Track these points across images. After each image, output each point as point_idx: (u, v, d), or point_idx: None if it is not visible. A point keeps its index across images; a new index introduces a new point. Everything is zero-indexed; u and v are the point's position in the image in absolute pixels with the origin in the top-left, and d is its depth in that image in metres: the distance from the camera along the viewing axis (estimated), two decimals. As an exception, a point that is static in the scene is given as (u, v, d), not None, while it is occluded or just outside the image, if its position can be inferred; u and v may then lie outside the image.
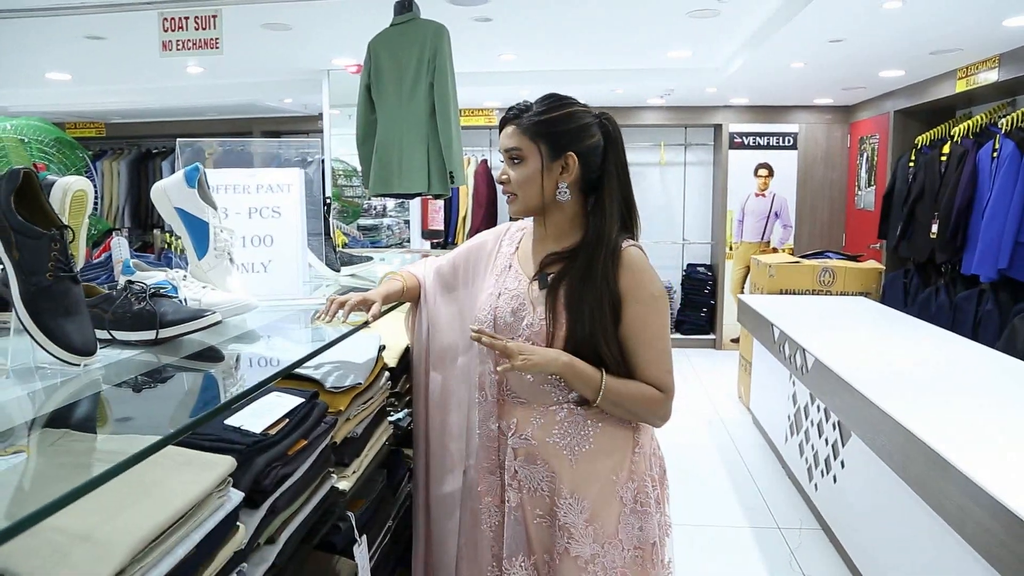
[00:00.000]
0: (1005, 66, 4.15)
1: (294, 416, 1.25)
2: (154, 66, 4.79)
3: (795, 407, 3.88)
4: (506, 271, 1.59)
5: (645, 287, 1.44)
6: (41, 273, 1.10)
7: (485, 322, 1.53)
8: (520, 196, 1.50)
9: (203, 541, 0.89)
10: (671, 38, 4.32)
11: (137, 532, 0.79)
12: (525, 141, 1.48)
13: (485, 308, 1.55)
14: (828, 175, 6.78)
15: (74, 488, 0.70)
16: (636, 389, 1.44)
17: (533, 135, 1.47)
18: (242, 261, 1.70)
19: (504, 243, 1.67)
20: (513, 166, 1.50)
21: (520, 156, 1.48)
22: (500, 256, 1.64)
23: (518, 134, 1.48)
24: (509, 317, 1.50)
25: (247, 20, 3.71)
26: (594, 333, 1.40)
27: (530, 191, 1.49)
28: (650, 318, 1.44)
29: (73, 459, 0.91)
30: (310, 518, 1.25)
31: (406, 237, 6.61)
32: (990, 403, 2.43)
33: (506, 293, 1.54)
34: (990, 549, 1.77)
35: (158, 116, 6.99)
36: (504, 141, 1.51)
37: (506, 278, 1.57)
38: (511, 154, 1.50)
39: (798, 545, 3.24)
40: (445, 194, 3.32)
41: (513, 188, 1.50)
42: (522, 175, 1.48)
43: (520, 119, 1.49)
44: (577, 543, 1.42)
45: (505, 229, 1.71)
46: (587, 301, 1.41)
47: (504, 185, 1.52)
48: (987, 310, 4.32)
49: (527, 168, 1.48)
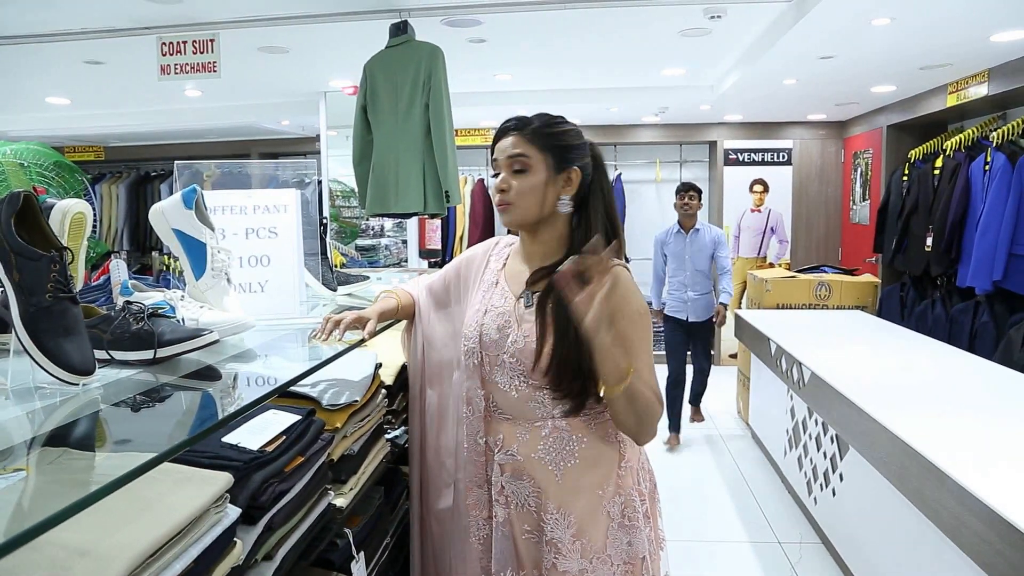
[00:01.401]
0: (995, 80, 4.20)
1: (291, 433, 1.26)
2: (152, 90, 4.84)
3: (793, 421, 3.88)
4: (492, 288, 1.60)
5: (630, 304, 1.45)
6: (41, 294, 1.11)
7: (471, 338, 1.54)
8: (518, 206, 1.48)
9: (200, 556, 0.90)
10: (664, 57, 4.37)
11: (135, 547, 0.81)
12: (533, 150, 1.47)
13: (471, 324, 1.56)
14: (823, 190, 6.82)
15: (72, 503, 0.71)
16: (649, 394, 1.41)
17: (542, 146, 1.47)
18: (239, 281, 1.71)
19: (492, 258, 1.67)
20: (516, 175, 1.48)
21: (526, 165, 1.47)
22: (488, 272, 1.65)
23: (525, 142, 1.48)
24: (495, 334, 1.51)
25: (244, 44, 3.76)
26: (579, 349, 1.39)
27: (530, 201, 1.47)
28: (637, 333, 1.45)
29: (71, 476, 0.92)
30: (307, 535, 1.26)
31: (404, 257, 6.64)
32: (986, 415, 2.44)
33: (492, 310, 1.54)
34: (986, 558, 1.78)
35: (157, 139, 7.05)
36: (507, 148, 1.49)
37: (492, 295, 1.58)
38: (516, 161, 1.47)
39: (799, 559, 3.24)
40: (441, 213, 3.35)
41: (512, 197, 1.48)
42: (526, 184, 1.47)
43: (524, 129, 1.49)
44: (565, 558, 1.42)
45: (494, 244, 1.71)
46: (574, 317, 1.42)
47: (502, 194, 1.49)
48: (983, 322, 4.34)
49: (532, 178, 1.47)
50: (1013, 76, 4.04)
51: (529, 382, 1.47)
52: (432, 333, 1.77)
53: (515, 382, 1.48)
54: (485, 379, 1.52)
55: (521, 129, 1.49)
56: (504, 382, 1.49)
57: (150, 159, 7.28)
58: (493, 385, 1.51)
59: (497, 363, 1.49)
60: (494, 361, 1.50)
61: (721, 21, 3.49)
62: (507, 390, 1.49)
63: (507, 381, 1.49)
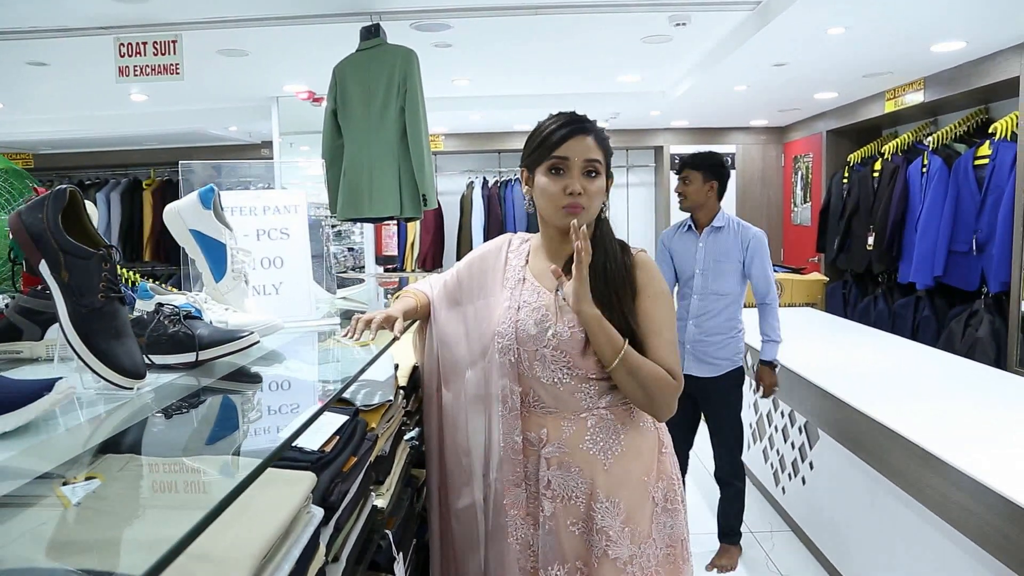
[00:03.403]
0: (929, 88, 4.46)
1: (343, 433, 1.24)
2: (97, 94, 4.65)
3: (757, 415, 4.01)
4: (520, 284, 1.61)
5: (655, 284, 1.53)
6: (92, 295, 1.06)
7: (507, 335, 1.55)
8: (589, 210, 1.51)
9: (300, 557, 0.88)
10: (623, 63, 4.47)
11: (252, 548, 0.78)
12: (602, 154, 1.51)
13: (506, 322, 1.56)
14: (765, 193, 7.09)
15: (208, 512, 0.69)
16: (652, 366, 1.47)
17: (605, 151, 1.53)
18: (254, 284, 1.67)
19: (511, 256, 1.68)
20: (588, 179, 1.50)
21: (598, 170, 1.51)
22: (510, 269, 1.66)
23: (597, 147, 1.51)
24: (532, 329, 1.52)
25: (203, 46, 3.65)
26: (625, 319, 1.46)
27: (597, 205, 1.52)
28: (659, 311, 1.52)
29: (151, 483, 0.89)
30: (360, 536, 1.24)
31: (351, 265, 6.56)
32: (951, 398, 2.60)
33: (526, 306, 1.56)
34: (974, 529, 1.90)
35: (92, 146, 6.75)
36: (585, 152, 1.49)
37: (522, 291, 1.59)
38: (592, 166, 1.50)
39: (771, 547, 3.35)
40: (417, 216, 3.33)
41: (586, 201, 1.49)
42: (597, 188, 1.50)
43: (593, 133, 1.51)
44: (615, 545, 1.45)
45: (506, 242, 1.72)
46: (613, 293, 1.48)
47: (577, 197, 1.48)
48: (924, 315, 4.59)
49: (599, 182, 1.51)
50: (947, 84, 4.30)
51: (574, 373, 1.49)
52: (446, 332, 1.76)
53: (558, 375, 1.49)
54: (523, 375, 1.52)
55: (593, 132, 1.51)
56: (546, 376, 1.50)
57: (83, 167, 6.98)
58: (533, 380, 1.52)
59: (537, 358, 1.51)
60: (533, 356, 1.51)
61: (683, 28, 3.60)
62: (549, 383, 1.50)
63: (549, 375, 1.50)
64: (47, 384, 0.94)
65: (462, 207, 7.67)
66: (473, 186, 7.61)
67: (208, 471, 0.85)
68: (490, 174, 7.71)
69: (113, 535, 0.75)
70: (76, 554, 0.71)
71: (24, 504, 0.80)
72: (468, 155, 7.74)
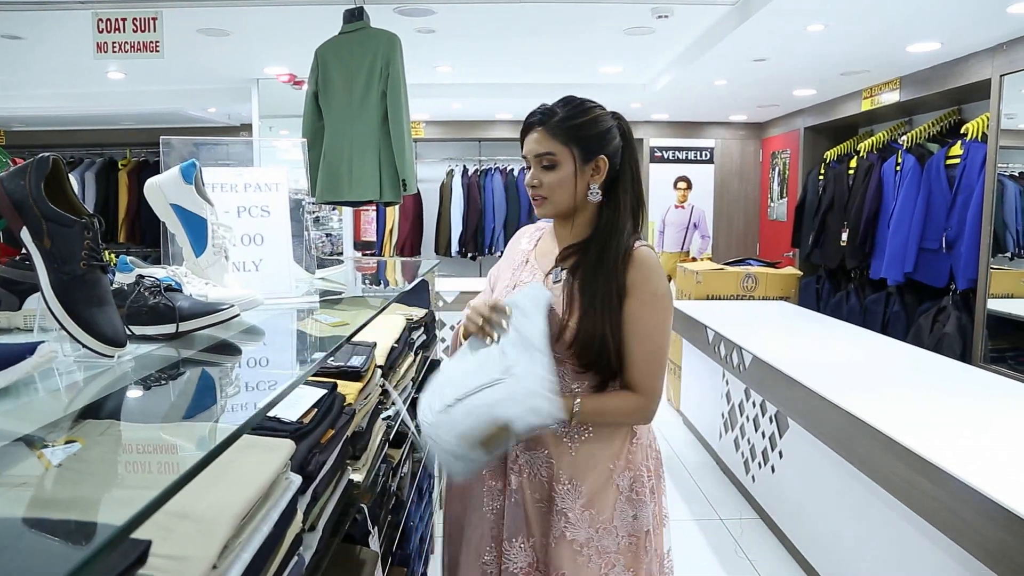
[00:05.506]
0: (905, 88, 4.54)
1: (321, 406, 1.26)
2: (73, 70, 4.58)
3: (729, 405, 4.08)
4: (523, 266, 1.64)
5: (649, 285, 1.49)
6: (74, 262, 1.07)
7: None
8: (551, 200, 1.51)
9: (278, 521, 0.89)
10: (605, 55, 4.49)
11: (232, 508, 0.80)
12: (557, 145, 1.49)
13: (501, 298, 1.59)
14: (743, 188, 7.17)
15: (186, 471, 0.70)
16: (613, 404, 1.50)
17: (566, 139, 1.48)
18: (234, 260, 1.67)
19: (523, 241, 1.72)
20: (545, 171, 1.50)
21: (553, 161, 1.49)
22: (519, 253, 1.69)
23: (548, 138, 1.49)
24: None
25: (183, 24, 3.61)
26: (603, 323, 1.45)
27: (563, 195, 1.51)
28: (646, 316, 1.48)
29: (130, 446, 0.90)
30: (336, 508, 1.26)
31: (329, 251, 6.53)
32: (919, 389, 2.67)
33: (521, 285, 1.59)
34: (938, 515, 1.96)
35: (67, 124, 6.65)
36: (533, 146, 1.50)
37: (522, 272, 1.63)
38: (544, 159, 1.50)
39: (740, 534, 3.41)
40: (396, 201, 3.34)
41: (545, 192, 1.51)
42: (555, 179, 1.50)
43: (547, 124, 1.49)
44: (573, 527, 1.48)
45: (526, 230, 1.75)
46: (598, 291, 1.46)
47: (534, 189, 1.52)
48: (894, 311, 4.69)
49: (561, 172, 1.49)
50: (922, 85, 4.38)
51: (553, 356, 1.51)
52: None
53: None
54: None
55: (545, 123, 1.49)
56: None
57: (57, 145, 6.85)
58: None
59: None
60: None
61: (666, 21, 3.63)
62: None
63: None
64: (29, 347, 0.94)
65: (441, 195, 7.66)
66: (453, 174, 7.61)
67: (187, 436, 0.86)
68: (470, 163, 7.71)
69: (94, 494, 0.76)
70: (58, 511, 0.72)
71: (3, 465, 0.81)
72: (448, 143, 7.73)
